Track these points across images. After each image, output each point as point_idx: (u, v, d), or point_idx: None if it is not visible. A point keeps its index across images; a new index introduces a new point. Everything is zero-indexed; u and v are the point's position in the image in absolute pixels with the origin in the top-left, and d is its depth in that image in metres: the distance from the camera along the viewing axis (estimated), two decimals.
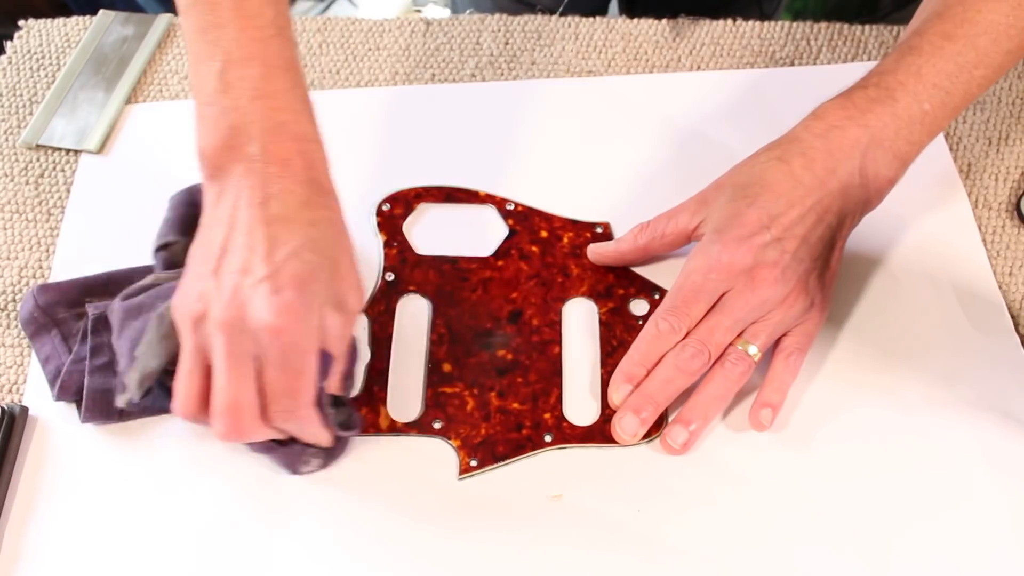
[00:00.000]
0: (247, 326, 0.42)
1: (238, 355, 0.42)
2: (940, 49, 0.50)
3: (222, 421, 0.43)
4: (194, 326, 0.43)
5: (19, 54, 0.69)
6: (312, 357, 0.43)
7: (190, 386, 0.44)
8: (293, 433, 0.46)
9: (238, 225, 0.43)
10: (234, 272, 0.42)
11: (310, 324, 0.43)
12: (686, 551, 0.47)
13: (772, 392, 0.50)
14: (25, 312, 0.53)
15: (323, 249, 0.44)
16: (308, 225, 0.44)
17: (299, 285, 0.42)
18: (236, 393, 0.42)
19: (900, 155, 0.51)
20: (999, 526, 0.47)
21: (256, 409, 0.43)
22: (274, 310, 0.41)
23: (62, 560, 0.47)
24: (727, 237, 0.50)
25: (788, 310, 0.50)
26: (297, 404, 0.44)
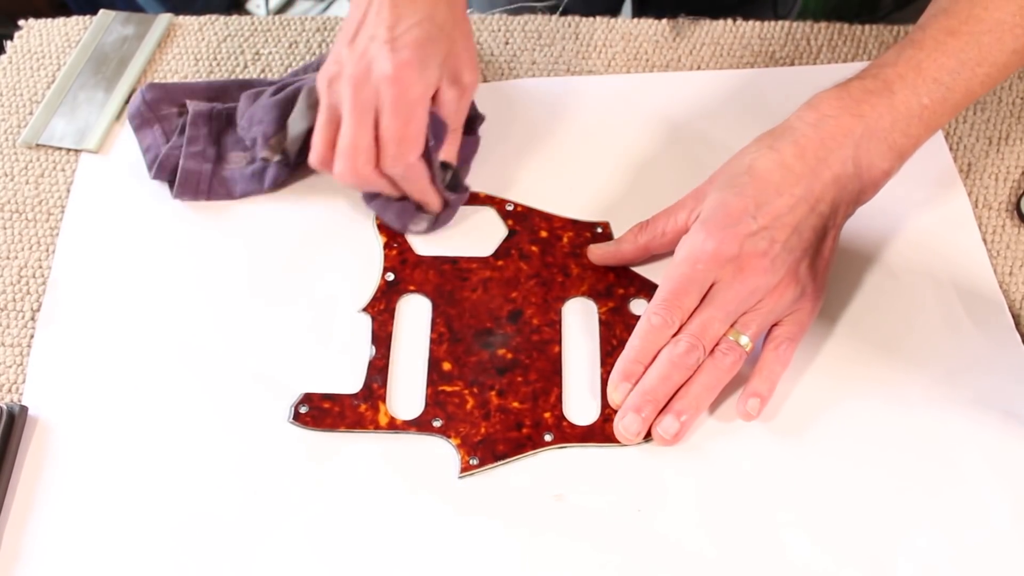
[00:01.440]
0: (370, 79, 0.50)
1: (361, 104, 0.51)
2: (942, 44, 0.50)
3: (341, 161, 0.52)
4: (329, 85, 0.53)
5: (19, 54, 0.69)
6: (422, 109, 0.51)
7: (323, 136, 0.53)
8: (403, 185, 0.54)
9: (372, 7, 0.52)
10: (365, 39, 0.51)
11: (423, 79, 0.51)
12: (686, 550, 0.47)
13: (761, 382, 0.50)
14: (133, 107, 0.62)
15: (442, 25, 0.52)
16: (431, 5, 0.52)
17: (416, 47, 0.51)
18: (356, 136, 0.51)
19: (896, 147, 0.50)
20: (999, 525, 0.47)
21: (371, 153, 0.51)
22: (392, 63, 0.50)
23: (61, 560, 0.47)
24: (712, 226, 0.50)
25: (779, 299, 0.50)
26: (405, 151, 0.51)
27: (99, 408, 0.52)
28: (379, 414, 0.51)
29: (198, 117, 0.60)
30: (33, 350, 0.54)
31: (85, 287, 0.56)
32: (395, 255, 0.57)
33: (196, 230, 0.59)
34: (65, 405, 0.52)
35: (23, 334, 0.55)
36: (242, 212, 0.60)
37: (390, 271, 0.57)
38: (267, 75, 0.68)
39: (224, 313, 0.55)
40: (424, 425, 0.51)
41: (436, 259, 0.57)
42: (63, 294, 0.56)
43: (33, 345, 0.54)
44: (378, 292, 0.56)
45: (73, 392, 0.52)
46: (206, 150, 0.59)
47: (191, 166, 0.59)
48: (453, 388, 0.52)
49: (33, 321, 0.55)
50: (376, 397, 0.51)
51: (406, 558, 0.47)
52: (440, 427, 0.51)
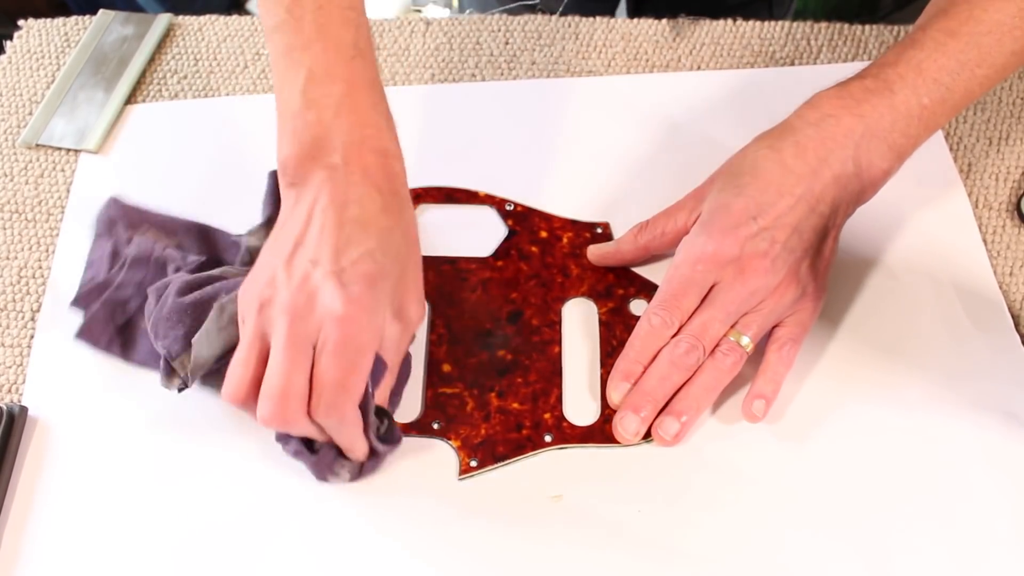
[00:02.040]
0: (312, 313, 0.42)
1: (298, 340, 0.42)
2: (942, 45, 0.50)
3: (269, 404, 0.43)
4: (260, 311, 0.44)
5: (19, 54, 0.69)
6: (369, 355, 0.44)
7: (245, 371, 0.44)
8: (332, 434, 0.46)
9: (314, 222, 0.44)
10: (306, 262, 0.44)
11: (374, 322, 0.43)
12: (686, 550, 0.47)
13: (765, 383, 0.50)
14: (97, 214, 0.57)
15: (394, 256, 0.45)
16: (383, 231, 0.45)
17: (368, 282, 0.43)
18: (289, 378, 0.42)
19: (895, 147, 0.50)
20: (998, 525, 0.47)
21: (304, 398, 0.43)
22: (342, 300, 0.42)
23: (61, 560, 0.47)
24: (713, 227, 0.50)
25: (779, 300, 0.50)
26: (344, 400, 0.43)
27: (99, 408, 0.52)
28: None
29: (135, 262, 0.54)
30: (33, 350, 0.54)
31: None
32: None
33: None
34: (65, 405, 0.52)
35: (23, 334, 0.55)
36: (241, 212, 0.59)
37: None
38: (267, 75, 0.68)
39: None
40: (424, 427, 0.51)
41: (435, 259, 0.57)
42: (63, 294, 0.56)
43: (33, 345, 0.54)
44: None
45: (73, 392, 0.52)
46: (129, 302, 0.53)
47: (103, 313, 0.53)
48: (453, 390, 0.52)
49: (33, 321, 0.55)
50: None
51: (407, 560, 0.47)
52: (440, 429, 0.51)
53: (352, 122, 0.46)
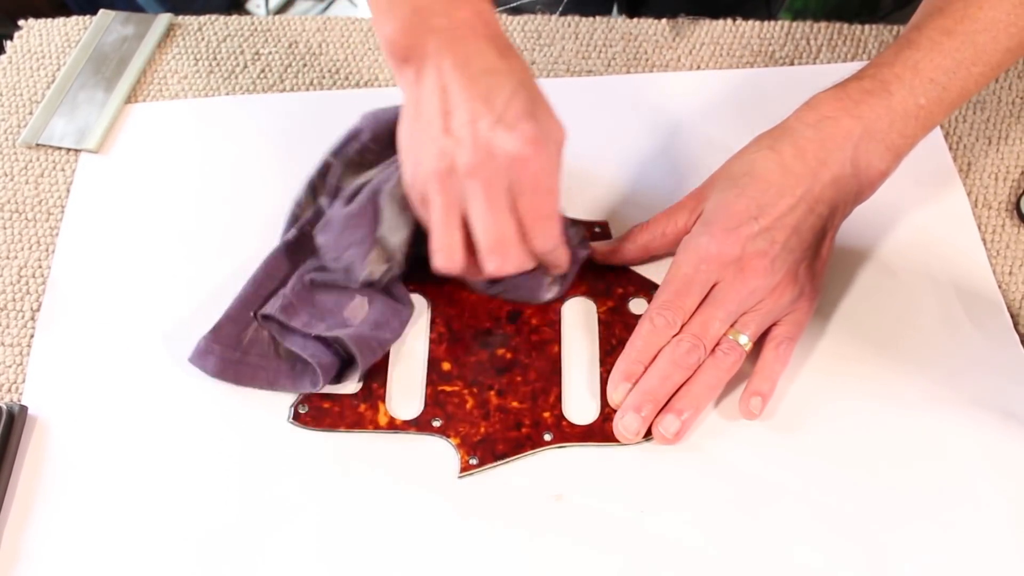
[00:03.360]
0: (496, 163, 0.45)
1: (495, 193, 0.45)
2: (938, 44, 0.50)
3: (494, 257, 0.47)
4: (442, 182, 0.46)
5: (19, 54, 0.69)
6: (557, 178, 0.47)
7: (452, 239, 0.47)
8: (546, 258, 0.50)
9: (451, 87, 0.46)
10: (464, 124, 0.45)
11: (550, 148, 0.46)
12: (686, 550, 0.47)
13: (762, 381, 0.50)
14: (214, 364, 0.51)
15: (530, 89, 0.47)
16: (510, 71, 0.47)
17: (529, 117, 0.45)
18: (502, 227, 0.46)
19: (893, 148, 0.51)
20: (998, 525, 0.47)
21: (520, 240, 0.47)
22: (519, 141, 0.45)
23: (61, 560, 0.47)
24: (715, 228, 0.50)
25: (778, 299, 0.50)
26: (552, 227, 0.48)
27: (99, 408, 0.52)
28: (379, 414, 0.51)
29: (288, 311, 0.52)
30: (33, 350, 0.54)
31: (85, 287, 0.56)
32: None
33: (195, 230, 0.59)
34: (65, 405, 0.52)
35: (23, 334, 0.55)
36: (242, 212, 0.60)
37: None
38: (267, 75, 0.68)
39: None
40: (423, 425, 0.51)
41: None
42: (63, 294, 0.56)
43: (33, 345, 0.54)
44: None
45: (73, 392, 0.52)
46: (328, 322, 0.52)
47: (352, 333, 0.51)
48: (452, 388, 0.52)
49: (33, 321, 0.55)
50: (376, 397, 0.51)
51: (406, 558, 0.47)
52: (439, 427, 0.51)
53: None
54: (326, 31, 0.70)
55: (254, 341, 0.52)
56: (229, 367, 0.52)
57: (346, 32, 0.70)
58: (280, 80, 0.68)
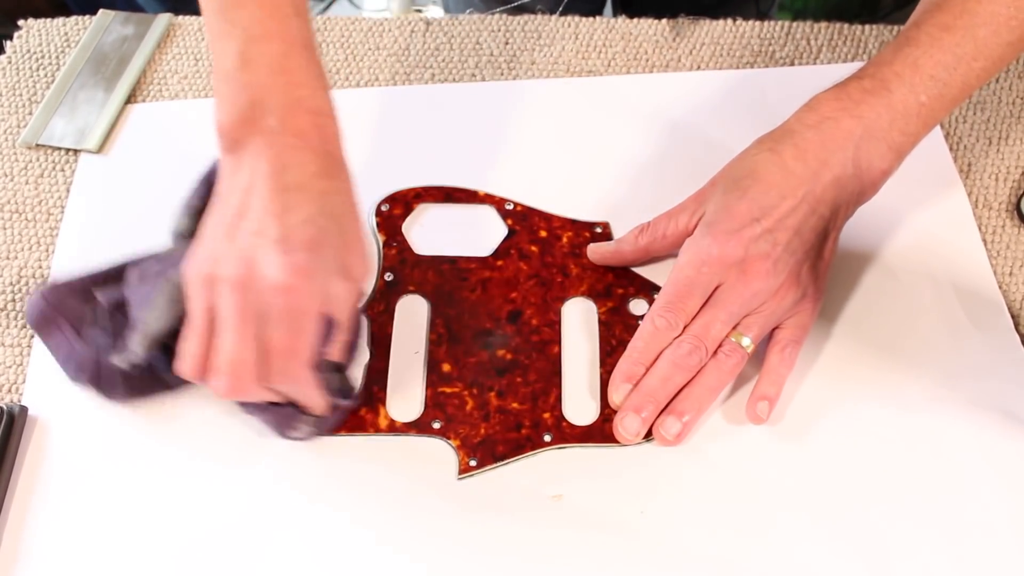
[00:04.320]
0: (256, 284, 0.43)
1: (244, 313, 0.43)
2: (938, 40, 0.50)
3: (223, 378, 0.44)
4: (205, 286, 0.44)
5: (19, 54, 0.69)
6: (315, 319, 0.44)
7: (197, 345, 0.45)
8: (289, 396, 0.47)
9: (254, 192, 0.44)
10: (248, 234, 0.44)
11: (317, 287, 0.44)
12: (686, 550, 0.47)
13: (768, 385, 0.50)
14: (35, 311, 0.52)
15: (334, 217, 0.45)
16: (321, 194, 0.45)
17: (310, 248, 0.44)
18: (239, 350, 0.43)
19: (895, 146, 0.50)
20: (997, 524, 0.47)
21: (255, 368, 0.44)
22: (284, 269, 0.43)
23: (61, 560, 0.47)
24: (717, 230, 0.50)
25: (780, 301, 0.50)
26: (296, 364, 0.45)
27: (99, 408, 0.51)
28: (379, 416, 0.51)
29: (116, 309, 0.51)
30: (33, 350, 0.54)
31: None
32: (394, 255, 0.57)
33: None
34: (65, 405, 0.52)
35: (23, 334, 0.55)
36: None
37: (389, 271, 0.57)
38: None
39: None
40: (423, 427, 0.51)
41: (435, 259, 0.57)
42: None
43: (33, 345, 0.54)
44: (376, 293, 0.56)
45: (73, 392, 0.52)
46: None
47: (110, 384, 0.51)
48: (452, 389, 0.52)
49: None
50: (375, 399, 0.51)
51: (406, 559, 0.47)
52: (439, 428, 0.51)
53: (287, 82, 0.46)
54: (326, 31, 0.70)
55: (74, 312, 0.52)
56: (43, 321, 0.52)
57: (346, 32, 0.70)
58: None
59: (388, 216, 0.59)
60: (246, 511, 0.48)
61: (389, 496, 0.49)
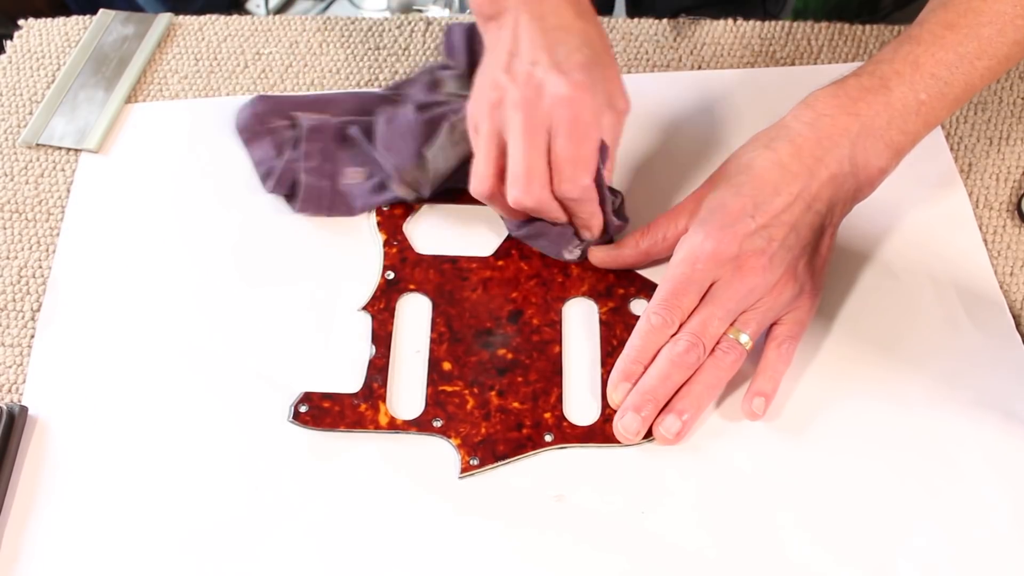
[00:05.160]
0: (542, 101, 0.48)
1: (533, 127, 0.49)
2: (940, 39, 0.50)
3: (517, 185, 0.49)
4: (491, 111, 0.50)
5: (19, 53, 0.69)
6: (596, 129, 0.49)
7: (488, 165, 0.51)
8: (573, 209, 0.52)
9: (521, 36, 0.50)
10: (524, 64, 0.50)
11: (596, 100, 0.49)
12: (686, 550, 0.47)
13: (765, 381, 0.50)
14: (243, 119, 0.61)
15: (597, 51, 0.51)
16: (582, 31, 0.51)
17: (585, 69, 0.49)
18: (531, 159, 0.49)
19: (893, 145, 0.50)
20: (998, 523, 0.47)
21: (547, 176, 0.49)
22: (567, 84, 0.48)
23: (61, 560, 0.47)
24: (711, 226, 0.50)
25: (777, 297, 0.50)
26: (582, 173, 0.49)
27: (99, 408, 0.52)
28: (379, 414, 0.51)
29: (313, 132, 0.59)
30: (33, 350, 0.54)
31: (85, 287, 0.56)
32: (395, 253, 0.57)
33: (195, 230, 0.59)
34: (65, 405, 0.52)
35: (23, 334, 0.55)
36: (242, 211, 0.60)
37: (390, 269, 0.56)
38: (267, 75, 0.68)
39: (224, 312, 0.55)
40: (424, 425, 0.51)
41: (436, 258, 0.57)
42: (63, 294, 0.56)
43: (33, 345, 0.54)
44: (378, 291, 0.56)
45: (73, 392, 0.52)
46: (323, 165, 0.59)
47: (312, 181, 0.58)
48: (453, 388, 0.52)
49: (33, 321, 0.55)
50: (376, 397, 0.51)
51: (406, 558, 0.47)
52: (440, 427, 0.51)
53: None
54: (326, 31, 0.70)
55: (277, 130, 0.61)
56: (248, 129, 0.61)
57: (346, 32, 0.70)
58: (280, 80, 0.67)
59: (389, 215, 0.59)
60: (246, 510, 0.48)
61: (389, 494, 0.49)
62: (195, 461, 0.50)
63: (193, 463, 0.50)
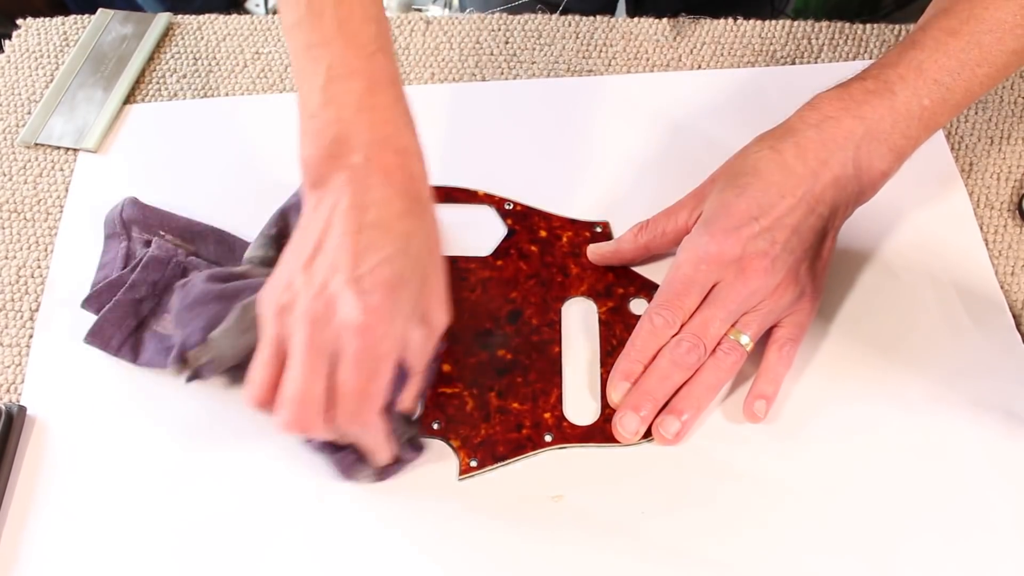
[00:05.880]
0: (331, 322, 0.42)
1: (316, 348, 0.42)
2: (943, 45, 0.50)
3: (288, 411, 0.43)
4: (278, 316, 0.44)
5: (18, 53, 0.69)
6: (389, 363, 0.43)
7: (265, 375, 0.44)
8: (354, 439, 0.46)
9: (334, 226, 0.43)
10: (325, 268, 0.43)
11: (393, 330, 0.43)
12: (687, 551, 0.47)
13: (766, 383, 0.50)
14: (111, 215, 0.57)
15: (415, 261, 0.44)
16: (403, 235, 0.44)
17: (388, 290, 0.42)
18: (307, 385, 0.42)
19: (895, 149, 0.50)
20: (999, 524, 0.47)
21: (322, 405, 0.43)
22: (361, 309, 0.42)
23: (60, 560, 0.47)
24: (715, 228, 0.50)
25: (778, 300, 0.50)
26: (365, 408, 0.43)
27: (97, 408, 0.52)
28: None
29: (153, 262, 0.53)
30: (32, 350, 0.54)
31: (84, 287, 0.56)
32: None
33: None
34: (63, 405, 0.52)
35: (22, 334, 0.55)
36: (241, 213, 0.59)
37: None
38: (266, 74, 0.67)
39: None
40: (424, 427, 0.50)
41: None
42: (61, 294, 0.56)
43: (32, 345, 0.54)
44: None
45: (71, 392, 0.52)
46: (142, 303, 0.53)
47: (116, 314, 0.52)
48: (452, 390, 0.52)
49: (32, 321, 0.55)
50: None
51: (407, 560, 0.47)
52: (439, 429, 0.50)
53: (373, 120, 0.45)
54: None
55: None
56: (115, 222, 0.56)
57: None
58: (280, 80, 0.67)
59: None
60: (246, 511, 0.48)
61: (389, 497, 0.48)
62: (194, 463, 0.50)
63: (192, 465, 0.50)
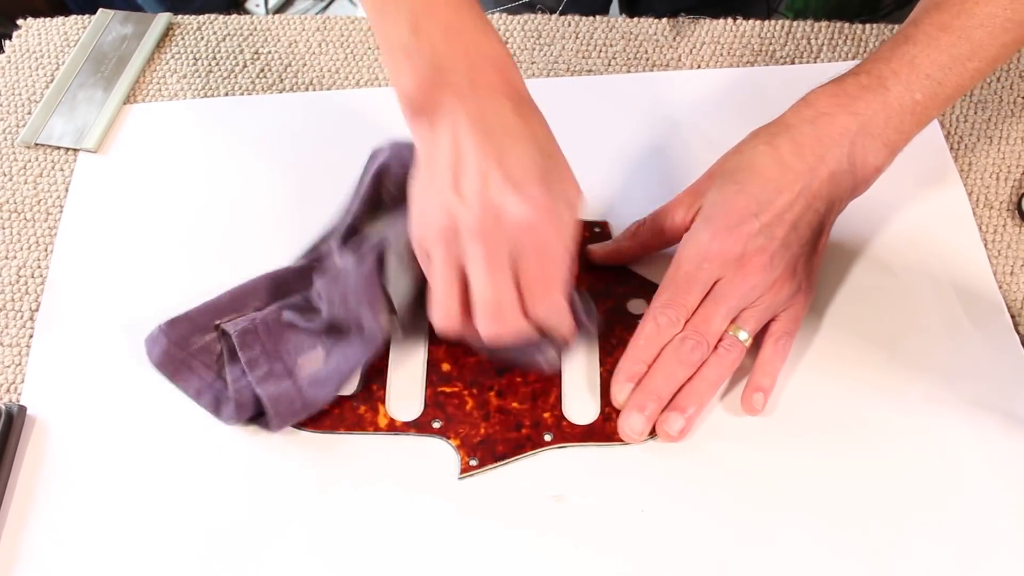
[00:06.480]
0: (502, 227, 0.44)
1: (496, 256, 0.44)
2: (935, 40, 0.50)
3: (488, 320, 0.45)
4: (445, 240, 0.45)
5: (18, 53, 0.69)
6: (564, 247, 0.46)
7: (451, 300, 0.46)
8: (547, 325, 0.48)
9: (464, 144, 0.45)
10: (476, 182, 0.44)
11: (560, 215, 0.45)
12: (687, 550, 0.47)
13: (763, 376, 0.51)
14: (158, 352, 0.51)
15: (546, 151, 0.46)
16: (528, 132, 0.46)
17: (541, 182, 0.45)
18: (499, 291, 0.45)
19: (889, 144, 0.51)
20: (998, 524, 0.47)
21: (518, 305, 0.45)
22: (527, 206, 0.44)
23: (60, 560, 0.47)
24: (716, 225, 0.50)
25: (776, 295, 0.50)
26: (555, 294, 0.46)
27: (98, 408, 0.52)
28: (378, 415, 0.51)
29: (245, 336, 0.51)
30: (32, 350, 0.54)
31: (84, 287, 0.56)
32: None
33: (194, 231, 0.59)
34: (64, 405, 0.52)
35: (22, 334, 0.55)
36: (241, 213, 0.59)
37: None
38: (266, 74, 0.67)
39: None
40: (423, 426, 0.51)
41: None
42: (61, 294, 0.56)
43: (32, 345, 0.54)
44: None
45: (72, 392, 0.52)
46: (273, 367, 0.50)
47: (272, 391, 0.49)
48: (452, 389, 0.52)
49: (32, 321, 0.55)
50: (375, 398, 0.51)
51: (406, 560, 0.47)
52: (439, 428, 0.50)
53: (465, 43, 0.47)
54: (326, 31, 0.70)
55: (204, 349, 0.52)
56: (170, 362, 0.51)
57: (346, 32, 0.70)
58: (280, 80, 0.67)
59: None
60: (246, 511, 0.48)
61: (389, 496, 0.48)
62: (194, 462, 0.50)
63: (192, 464, 0.50)
